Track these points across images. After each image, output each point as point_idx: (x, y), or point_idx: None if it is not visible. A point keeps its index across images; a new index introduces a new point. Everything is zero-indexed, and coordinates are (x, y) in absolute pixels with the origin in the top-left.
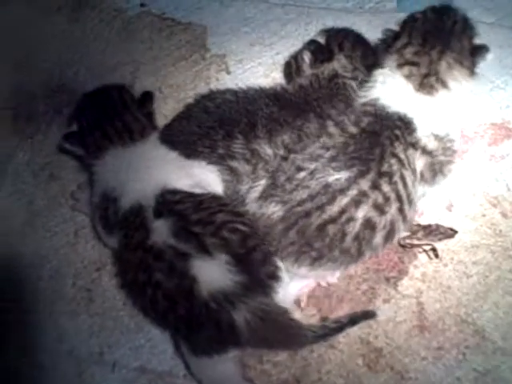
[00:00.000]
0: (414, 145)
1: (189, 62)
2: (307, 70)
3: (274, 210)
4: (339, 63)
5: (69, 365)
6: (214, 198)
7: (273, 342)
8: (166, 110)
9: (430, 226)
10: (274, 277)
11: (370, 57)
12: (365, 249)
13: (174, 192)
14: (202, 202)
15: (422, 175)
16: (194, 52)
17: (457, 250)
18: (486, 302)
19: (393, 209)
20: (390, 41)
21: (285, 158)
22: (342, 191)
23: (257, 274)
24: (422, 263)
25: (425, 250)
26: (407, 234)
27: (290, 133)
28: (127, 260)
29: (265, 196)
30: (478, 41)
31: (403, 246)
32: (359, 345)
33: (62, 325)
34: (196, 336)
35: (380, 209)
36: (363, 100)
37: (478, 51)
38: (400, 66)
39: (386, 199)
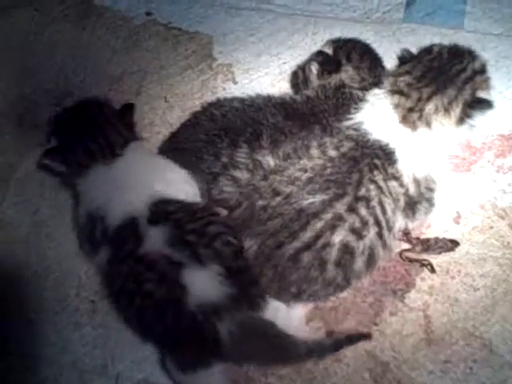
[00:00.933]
0: (398, 179)
1: (195, 72)
2: (315, 81)
3: (250, 244)
4: (347, 74)
5: (72, 376)
6: (206, 208)
7: (258, 355)
8: (171, 119)
9: (428, 240)
10: (262, 297)
11: (378, 67)
12: (350, 276)
13: (167, 202)
14: (195, 212)
15: (403, 209)
16: (201, 61)
17: (464, 262)
18: (494, 315)
19: (371, 233)
20: (399, 63)
21: (265, 178)
22: (316, 215)
23: (246, 289)
24: (429, 276)
25: (423, 265)
26: (408, 247)
27: (293, 144)
28: (115, 271)
29: (241, 229)
30: (484, 94)
31: (403, 260)
32: (365, 358)
33: (65, 336)
34: (181, 348)
35: (357, 233)
36: (349, 122)
37: (477, 105)
38: (392, 92)
39: (364, 223)
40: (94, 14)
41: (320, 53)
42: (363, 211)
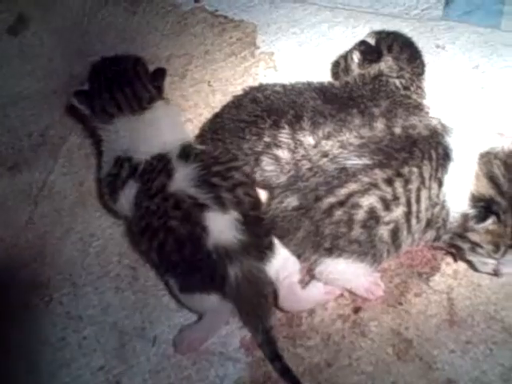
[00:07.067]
0: (440, 186)
1: (238, 58)
2: (355, 69)
3: (291, 200)
4: (386, 64)
5: (112, 336)
6: (226, 153)
7: (245, 304)
8: (214, 102)
9: None
10: (270, 248)
11: (417, 59)
12: (374, 239)
13: (192, 146)
14: (217, 156)
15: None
16: (244, 49)
17: None
18: None
19: (399, 210)
20: None
21: (315, 146)
22: (355, 175)
23: (259, 239)
24: (454, 261)
25: (448, 252)
26: None
27: (333, 125)
28: (145, 207)
29: (284, 189)
30: None
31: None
32: (390, 335)
33: (107, 299)
34: (189, 276)
35: (386, 204)
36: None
37: None
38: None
39: (395, 198)
40: (144, 0)
41: (362, 42)
42: (399, 188)
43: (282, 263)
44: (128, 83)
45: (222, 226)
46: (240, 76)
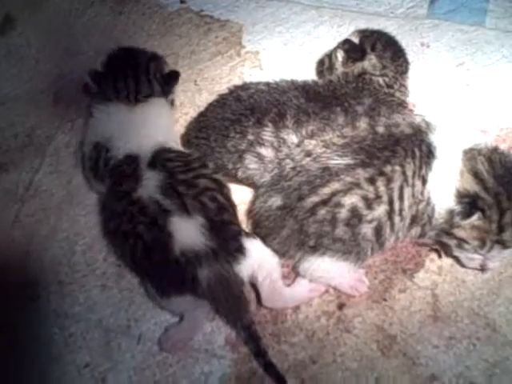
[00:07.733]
0: (424, 183)
1: (224, 58)
2: (339, 68)
3: (275, 199)
4: (369, 62)
5: (97, 334)
6: (199, 158)
7: (221, 304)
8: (199, 101)
9: None
10: (240, 251)
11: (400, 58)
12: (357, 238)
13: (169, 150)
14: (189, 162)
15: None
16: (230, 48)
17: None
18: (499, 297)
19: (381, 209)
20: None
21: (298, 145)
22: (337, 175)
23: (227, 243)
24: (438, 257)
25: (432, 249)
26: None
27: (317, 123)
28: (113, 208)
29: (268, 189)
30: None
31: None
32: (374, 331)
33: (92, 297)
34: (162, 281)
35: (368, 203)
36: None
37: None
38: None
39: (377, 197)
40: (130, 0)
41: (347, 41)
42: (381, 187)
43: (259, 264)
44: (134, 76)
45: (187, 232)
46: (226, 75)
